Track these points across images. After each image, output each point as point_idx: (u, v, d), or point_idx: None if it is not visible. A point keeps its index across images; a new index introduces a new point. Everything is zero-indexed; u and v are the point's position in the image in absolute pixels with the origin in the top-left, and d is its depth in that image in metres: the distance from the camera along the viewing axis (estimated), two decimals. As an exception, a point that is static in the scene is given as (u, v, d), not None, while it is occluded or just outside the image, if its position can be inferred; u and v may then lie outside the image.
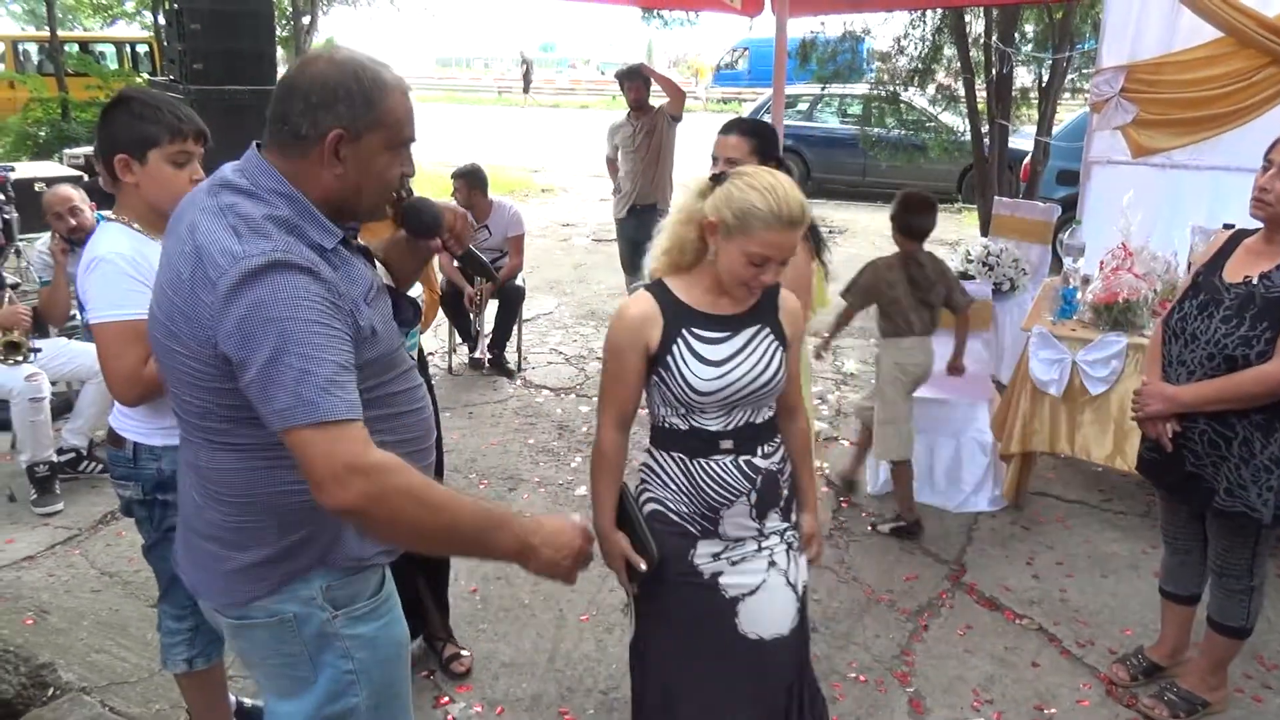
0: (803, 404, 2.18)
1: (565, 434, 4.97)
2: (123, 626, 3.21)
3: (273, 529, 1.55)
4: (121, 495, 2.27)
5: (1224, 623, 2.72)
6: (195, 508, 1.61)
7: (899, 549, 3.81)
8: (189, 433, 1.57)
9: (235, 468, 1.52)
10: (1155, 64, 4.96)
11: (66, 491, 4.10)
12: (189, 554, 1.66)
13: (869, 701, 2.90)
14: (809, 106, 13.76)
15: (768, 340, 2.02)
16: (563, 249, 9.76)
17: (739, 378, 1.97)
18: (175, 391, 1.54)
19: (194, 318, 1.42)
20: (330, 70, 1.47)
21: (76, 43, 16.41)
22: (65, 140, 11.47)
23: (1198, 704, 2.81)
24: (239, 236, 1.40)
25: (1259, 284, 2.47)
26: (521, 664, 3.06)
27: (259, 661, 1.68)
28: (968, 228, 11.10)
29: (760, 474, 2.03)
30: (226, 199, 1.46)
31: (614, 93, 31.43)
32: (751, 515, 2.05)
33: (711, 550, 2.05)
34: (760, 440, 2.04)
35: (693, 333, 1.98)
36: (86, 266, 2.08)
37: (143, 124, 2.07)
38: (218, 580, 1.61)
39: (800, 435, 2.17)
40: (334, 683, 1.63)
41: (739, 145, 2.61)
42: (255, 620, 1.60)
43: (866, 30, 9.22)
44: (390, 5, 19.29)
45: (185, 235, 1.46)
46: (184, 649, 2.38)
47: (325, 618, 1.60)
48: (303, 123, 1.46)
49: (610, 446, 2.08)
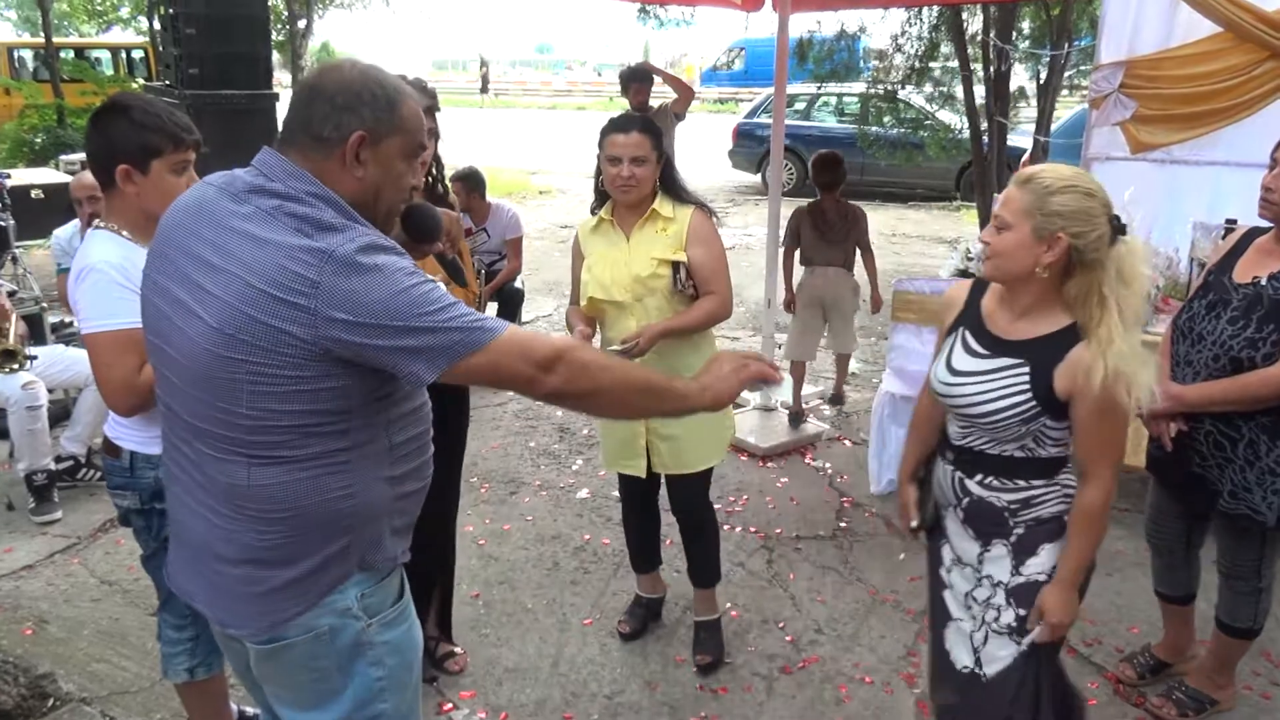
0: (1098, 477, 1.95)
1: (566, 437, 4.95)
2: (123, 635, 3.19)
3: (316, 540, 1.53)
4: (119, 505, 2.24)
5: (1232, 624, 2.69)
6: (221, 533, 1.53)
7: (903, 549, 3.80)
8: (210, 447, 1.49)
9: (281, 481, 1.48)
10: (1154, 59, 4.94)
11: (65, 499, 4.08)
12: (208, 583, 1.59)
13: (876, 703, 2.88)
14: (806, 106, 13.76)
15: (1019, 378, 1.94)
16: (561, 251, 9.74)
17: (963, 395, 2.01)
18: (220, 404, 1.45)
19: (283, 325, 1.38)
20: (353, 75, 1.51)
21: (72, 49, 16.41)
22: (61, 146, 11.47)
23: (1205, 702, 2.79)
24: (311, 236, 1.41)
25: (1267, 285, 2.42)
26: (525, 669, 3.04)
27: (286, 680, 1.63)
28: (967, 225, 11.09)
29: (969, 497, 2.08)
30: (266, 203, 1.45)
31: (611, 94, 31.51)
32: (969, 533, 2.11)
33: (950, 556, 2.18)
34: (982, 470, 2.05)
35: (964, 335, 2.07)
36: (77, 276, 2.06)
37: (146, 133, 2.05)
38: (251, 605, 1.55)
39: (1080, 504, 1.98)
40: (365, 691, 1.62)
41: (642, 143, 2.67)
42: (290, 639, 1.55)
43: (863, 28, 9.20)
44: (386, 8, 19.32)
45: (231, 242, 1.42)
46: (185, 658, 2.36)
47: (360, 627, 1.59)
48: (327, 125, 1.48)
49: (920, 413, 2.29)
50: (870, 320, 7.22)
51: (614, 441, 2.93)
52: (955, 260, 5.28)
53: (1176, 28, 4.90)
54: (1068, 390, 1.89)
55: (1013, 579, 2.05)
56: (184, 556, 1.64)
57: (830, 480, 4.44)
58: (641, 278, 2.71)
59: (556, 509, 4.15)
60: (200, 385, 1.46)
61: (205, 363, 1.44)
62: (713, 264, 2.74)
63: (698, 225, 2.74)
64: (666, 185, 2.79)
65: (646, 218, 2.76)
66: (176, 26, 7.70)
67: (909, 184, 13.09)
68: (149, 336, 1.58)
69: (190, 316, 1.45)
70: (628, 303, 2.73)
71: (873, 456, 4.28)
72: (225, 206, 1.47)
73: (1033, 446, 2.00)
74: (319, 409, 1.45)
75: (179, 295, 1.47)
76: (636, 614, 3.21)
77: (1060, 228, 1.85)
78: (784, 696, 2.91)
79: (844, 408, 5.42)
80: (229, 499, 1.50)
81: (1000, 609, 2.07)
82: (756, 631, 3.24)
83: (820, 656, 3.11)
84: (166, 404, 1.57)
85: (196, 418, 1.50)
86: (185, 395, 1.50)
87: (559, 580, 3.56)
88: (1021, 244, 1.88)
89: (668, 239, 2.73)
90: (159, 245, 1.55)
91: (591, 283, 2.77)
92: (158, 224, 1.57)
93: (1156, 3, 4.91)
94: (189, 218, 1.51)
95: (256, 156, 1.53)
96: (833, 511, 4.13)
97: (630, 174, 2.66)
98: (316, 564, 1.53)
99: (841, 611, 3.37)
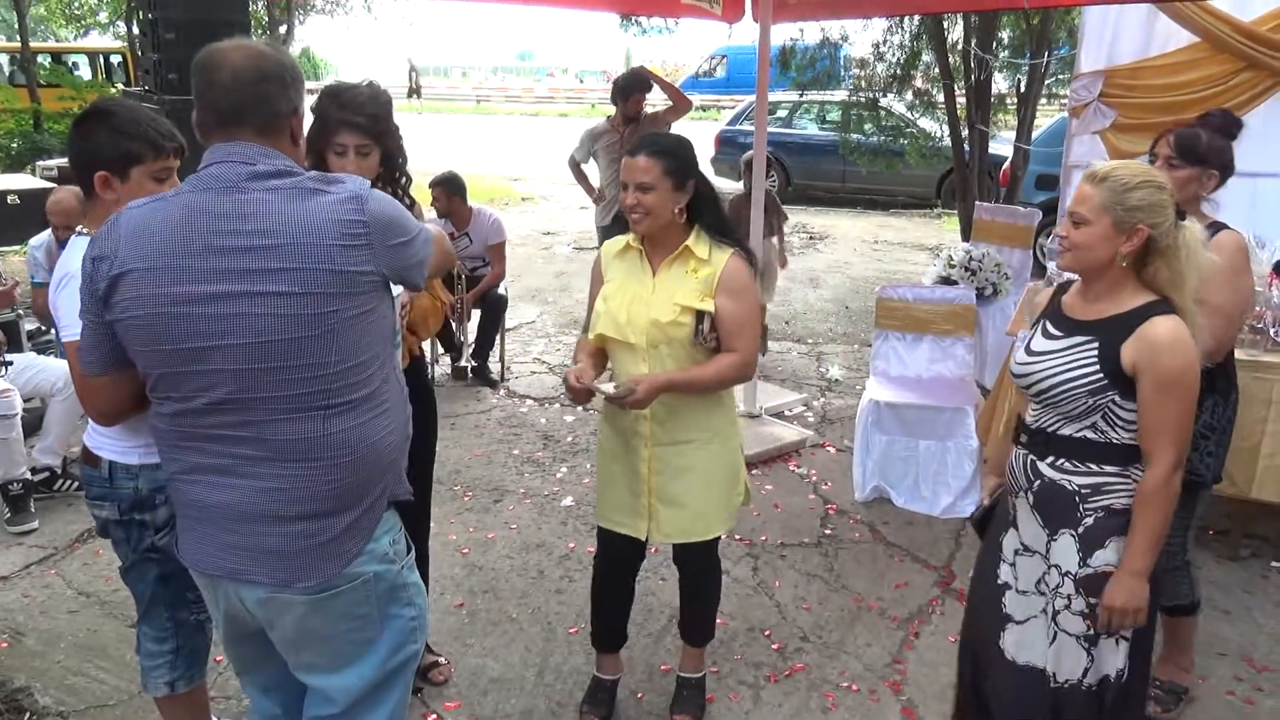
0: (1160, 456, 2.00)
1: (550, 444, 4.93)
2: (101, 648, 3.15)
3: (368, 481, 1.70)
4: (97, 516, 2.21)
5: (1175, 603, 2.79)
6: (280, 494, 1.65)
7: (888, 556, 3.80)
8: (288, 412, 1.61)
9: (351, 426, 1.65)
10: (1133, 69, 5.01)
11: (42, 510, 4.02)
12: (262, 551, 1.68)
13: (862, 711, 2.88)
14: (788, 113, 13.82)
15: (1089, 353, 2.05)
16: (544, 257, 9.73)
17: (1035, 371, 2.12)
18: (306, 362, 1.59)
19: (356, 266, 1.58)
20: (279, 54, 1.66)
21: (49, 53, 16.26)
22: (38, 152, 11.35)
23: (1180, 693, 2.88)
24: (330, 186, 1.60)
25: None
26: (510, 679, 3.01)
27: (328, 634, 1.74)
28: (947, 233, 11.17)
29: (1040, 480, 2.15)
30: (279, 183, 1.59)
31: (593, 101, 31.53)
32: (1037, 520, 2.17)
33: (1013, 546, 2.25)
34: (1054, 451, 2.13)
35: (1044, 325, 2.20)
36: (58, 283, 2.03)
37: (126, 140, 2.03)
38: (311, 556, 1.67)
39: (1146, 485, 2.03)
40: (399, 634, 1.79)
41: (650, 168, 2.36)
42: (340, 587, 1.70)
43: (845, 37, 9.26)
44: (367, 14, 19.26)
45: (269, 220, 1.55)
46: (165, 671, 2.32)
47: (396, 570, 1.77)
48: (281, 103, 1.63)
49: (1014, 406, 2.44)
50: (854, 327, 7.26)
51: (616, 493, 2.61)
52: (938, 267, 5.33)
53: (1154, 38, 4.97)
54: (1133, 363, 2.00)
55: (1080, 570, 2.12)
56: (223, 541, 1.71)
57: (814, 487, 4.44)
58: (661, 323, 2.39)
59: (541, 517, 4.13)
60: (278, 354, 1.57)
61: (288, 330, 1.56)
62: (741, 317, 2.41)
63: (732, 272, 2.41)
64: (705, 222, 2.47)
65: (677, 255, 2.44)
66: (156, 31, 7.62)
67: (890, 191, 13.16)
68: (182, 345, 1.59)
69: (256, 298, 1.55)
70: (641, 347, 2.42)
71: (857, 463, 4.28)
72: (234, 199, 1.57)
73: (1104, 428, 2.07)
74: (374, 342, 1.66)
75: (227, 289, 1.55)
76: (600, 700, 2.83)
77: (1140, 220, 2.00)
78: (770, 705, 2.90)
79: (827, 414, 5.43)
80: (300, 455, 1.63)
81: (1070, 597, 2.13)
82: (743, 640, 3.24)
83: (806, 664, 3.10)
84: (204, 399, 1.62)
85: (263, 389, 1.59)
86: (248, 375, 1.59)
87: (544, 589, 3.54)
88: (1104, 237, 2.03)
89: (697, 283, 2.41)
90: (165, 261, 1.57)
91: (605, 317, 2.47)
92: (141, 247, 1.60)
93: (1135, 13, 4.97)
94: (190, 225, 1.57)
95: (218, 151, 1.62)
96: (817, 519, 4.13)
97: (635, 201, 2.37)
98: (367, 505, 1.71)
99: (827, 619, 3.36)
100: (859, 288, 8.57)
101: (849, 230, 11.62)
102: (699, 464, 2.51)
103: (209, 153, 1.63)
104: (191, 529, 1.75)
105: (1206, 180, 2.61)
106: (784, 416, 5.28)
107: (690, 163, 2.43)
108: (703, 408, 2.50)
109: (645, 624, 3.30)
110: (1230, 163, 2.62)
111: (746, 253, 2.48)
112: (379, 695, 1.82)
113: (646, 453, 2.50)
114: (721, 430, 2.55)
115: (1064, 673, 2.16)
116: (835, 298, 8.25)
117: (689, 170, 2.41)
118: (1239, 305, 2.60)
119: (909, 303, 4.45)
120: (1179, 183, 2.57)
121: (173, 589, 2.24)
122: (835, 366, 6.26)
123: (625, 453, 2.55)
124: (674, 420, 2.47)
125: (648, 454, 2.50)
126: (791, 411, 5.40)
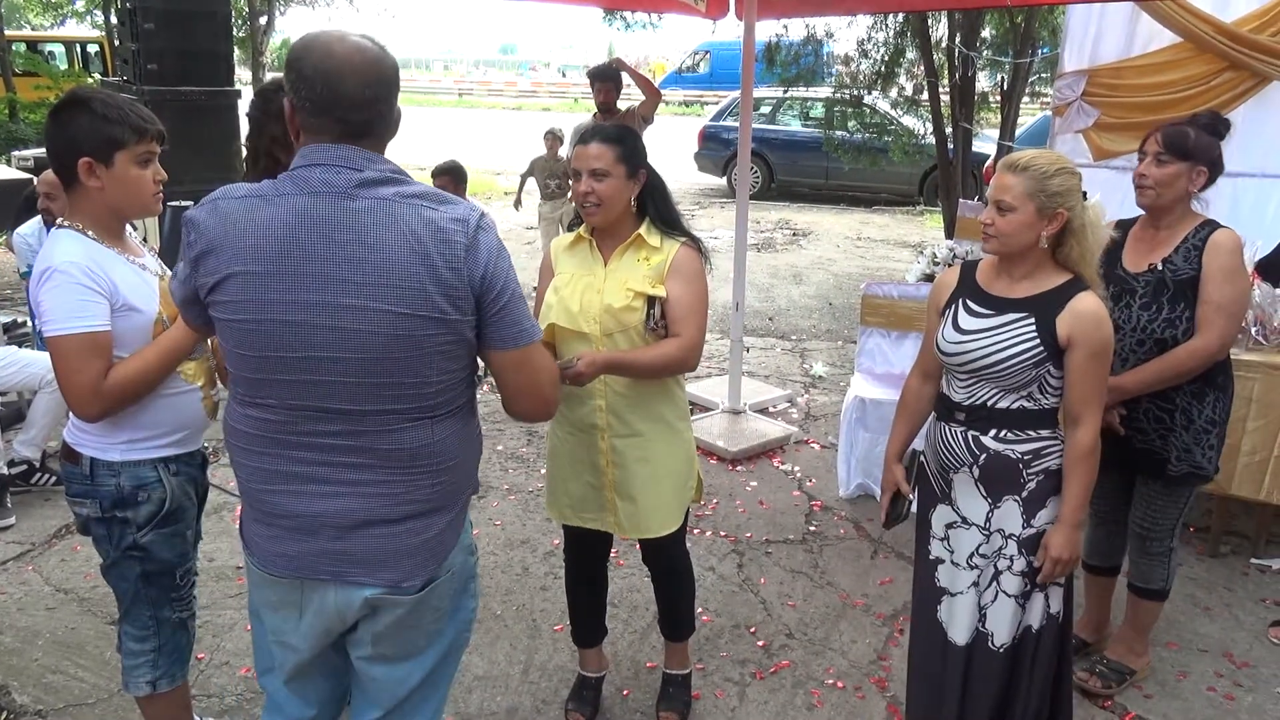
0: (1089, 419, 2.20)
1: (534, 440, 4.91)
2: (80, 645, 3.11)
3: (464, 481, 1.77)
4: (78, 513, 2.17)
5: (1148, 586, 2.89)
6: (385, 499, 1.65)
7: (872, 553, 3.81)
8: (396, 422, 1.62)
9: (452, 432, 1.69)
10: (1115, 68, 5.03)
11: (19, 505, 3.97)
12: (366, 553, 1.67)
13: (847, 708, 2.89)
14: (772, 110, 13.83)
15: (1026, 328, 2.19)
16: (527, 252, 9.69)
17: (974, 348, 2.22)
18: (406, 380, 1.59)
19: (445, 283, 1.55)
20: (388, 54, 1.60)
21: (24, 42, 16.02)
22: (14, 142, 11.20)
23: (1126, 673, 2.97)
24: (437, 208, 1.57)
25: (1164, 269, 2.67)
26: (495, 677, 3.00)
27: (414, 626, 1.75)
28: (930, 229, 11.22)
29: (986, 453, 2.27)
30: (383, 191, 1.56)
31: (576, 95, 31.43)
32: (980, 491, 2.30)
33: (944, 520, 2.39)
34: (996, 424, 2.26)
35: (964, 303, 2.30)
36: (39, 277, 1.99)
37: (108, 125, 1.99)
38: (417, 555, 1.70)
39: (1073, 447, 2.23)
40: (463, 624, 1.86)
41: (602, 154, 2.35)
42: (439, 580, 1.74)
43: (829, 33, 9.26)
44: (349, 6, 19.10)
45: (377, 235, 1.53)
46: (147, 670, 2.29)
47: (474, 561, 1.87)
48: (398, 113, 1.64)
49: (909, 392, 2.54)
50: (837, 324, 7.28)
51: (577, 489, 2.57)
52: (921, 265, 5.33)
53: (1137, 38, 5.00)
54: (1068, 335, 2.16)
55: (1024, 530, 2.28)
56: (317, 548, 1.68)
57: (799, 484, 4.45)
58: (614, 309, 2.38)
59: (525, 513, 4.12)
60: (379, 370, 1.57)
61: (387, 347, 1.56)
62: (688, 303, 2.41)
63: (682, 259, 2.42)
64: (655, 211, 2.47)
65: (630, 243, 2.44)
66: (135, 21, 7.55)
67: (873, 188, 13.21)
68: (291, 354, 1.56)
69: (360, 313, 1.53)
70: (594, 335, 2.40)
71: (841, 460, 4.30)
72: (344, 206, 1.54)
73: (1038, 396, 2.23)
74: (468, 359, 1.68)
75: (333, 300, 1.53)
76: (585, 698, 2.83)
77: (1060, 204, 2.16)
78: (756, 702, 2.91)
79: (810, 411, 5.44)
80: (407, 462, 1.65)
81: (1013, 558, 2.29)
82: (728, 637, 3.24)
83: (792, 661, 3.10)
84: (309, 408, 1.60)
85: (367, 401, 1.59)
86: (347, 388, 1.58)
87: (529, 586, 3.53)
88: (1027, 223, 2.17)
89: (649, 270, 2.41)
90: (278, 266, 1.54)
91: (557, 307, 2.45)
92: (252, 248, 1.55)
93: (1117, 13, 4.99)
94: (302, 231, 1.53)
95: (322, 153, 1.56)
96: (802, 515, 4.14)
97: (589, 188, 2.34)
98: (462, 503, 1.78)
99: (812, 616, 3.37)
100: (842, 284, 8.60)
101: (832, 227, 11.65)
102: (654, 456, 2.51)
103: (311, 152, 1.57)
104: (281, 537, 1.69)
105: (1196, 177, 2.64)
106: (768, 413, 5.28)
107: (640, 152, 2.44)
108: (655, 399, 2.49)
109: (630, 621, 3.29)
110: (1218, 160, 2.65)
111: (696, 242, 2.50)
112: (425, 692, 1.84)
113: (604, 445, 2.49)
114: (674, 424, 2.55)
115: (1001, 635, 2.33)
116: (819, 294, 8.27)
117: (639, 159, 2.42)
118: (1241, 302, 2.64)
119: (894, 300, 4.46)
120: (1168, 178, 2.63)
121: (156, 587, 2.21)
122: (819, 363, 6.27)
123: (581, 448, 2.53)
124: (629, 410, 2.47)
125: (605, 446, 2.49)
126: (776, 408, 5.41)
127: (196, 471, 2.26)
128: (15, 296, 7.14)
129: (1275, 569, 3.68)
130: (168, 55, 7.50)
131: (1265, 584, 3.59)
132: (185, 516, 2.22)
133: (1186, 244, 2.65)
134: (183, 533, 2.22)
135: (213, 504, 3.78)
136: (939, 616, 2.42)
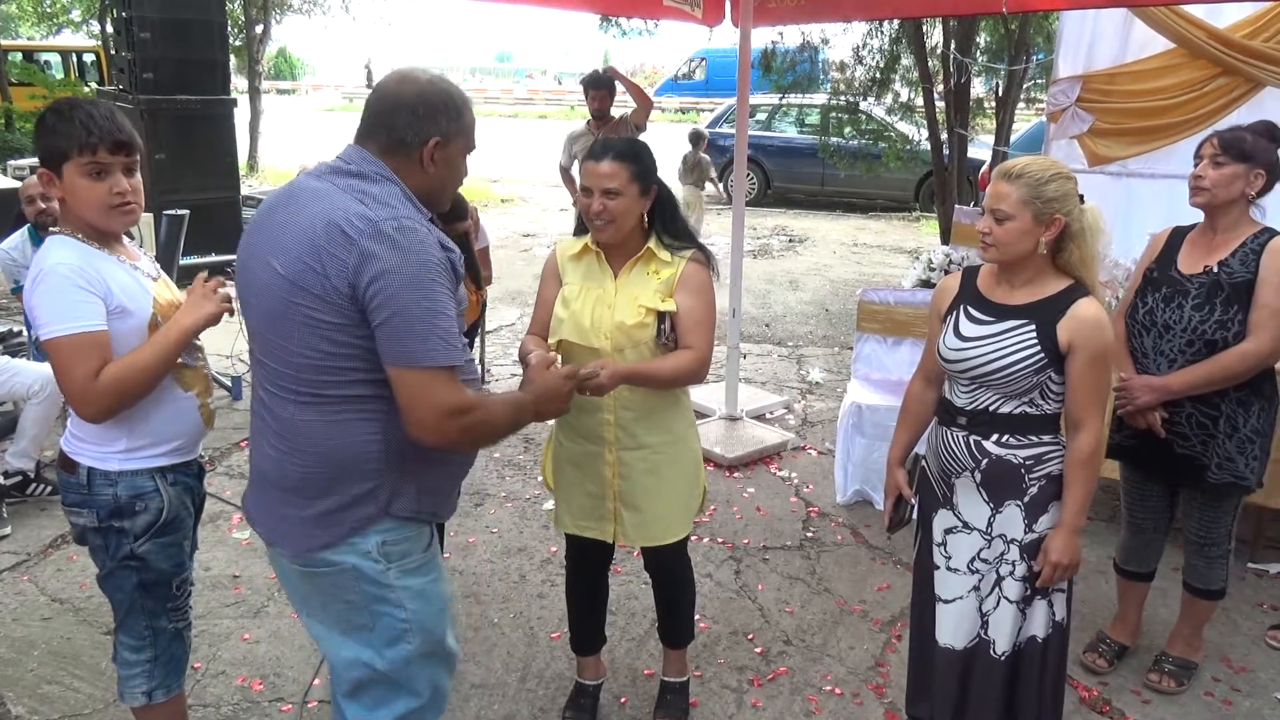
0: (1090, 424, 2.18)
1: (531, 447, 4.91)
2: (75, 656, 3.09)
3: (343, 479, 1.76)
4: (75, 523, 2.16)
5: (1207, 588, 2.92)
6: (272, 460, 1.81)
7: (870, 559, 3.81)
8: (275, 387, 1.76)
9: (315, 420, 1.73)
10: (1109, 74, 5.05)
11: (14, 514, 3.95)
12: (265, 502, 1.86)
13: (845, 714, 2.88)
14: (767, 116, 13.86)
15: (1027, 335, 2.18)
16: (524, 259, 9.69)
17: (976, 355, 2.22)
18: (283, 343, 1.70)
19: (329, 272, 1.63)
20: (429, 89, 1.77)
21: (20, 51, 16.03)
22: (9, 151, 11.19)
23: (1191, 667, 3.02)
24: (366, 205, 1.66)
25: (1219, 272, 2.67)
26: (492, 684, 2.99)
27: (322, 601, 1.87)
28: (925, 235, 11.25)
29: (988, 458, 2.26)
30: (342, 181, 1.72)
31: (572, 102, 31.47)
32: (982, 496, 2.29)
33: (944, 526, 2.38)
34: (998, 429, 2.25)
35: (966, 309, 2.29)
36: (34, 280, 2.00)
37: (54, 137, 2.01)
38: (290, 526, 1.81)
39: (1074, 452, 2.22)
40: (390, 630, 1.85)
41: (616, 172, 2.32)
42: (319, 570, 1.81)
43: (825, 40, 9.29)
44: (345, 14, 19.06)
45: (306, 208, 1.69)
46: (142, 681, 2.28)
47: (380, 569, 1.81)
48: (409, 132, 1.75)
49: (911, 396, 2.53)
50: (833, 330, 7.29)
51: (579, 498, 2.58)
52: (917, 271, 5.34)
53: (1131, 44, 5.01)
54: (1068, 341, 2.16)
55: (1026, 535, 2.27)
56: (254, 491, 1.91)
57: (796, 490, 4.45)
58: (626, 326, 2.37)
59: (522, 521, 4.11)
60: (270, 325, 1.73)
61: (275, 305, 1.69)
62: (697, 315, 2.40)
63: (690, 273, 2.41)
64: (663, 224, 2.45)
65: (639, 257, 2.43)
66: (130, 30, 7.56)
67: (869, 194, 13.24)
68: (244, 297, 1.80)
69: (270, 270, 1.70)
70: (606, 351, 2.38)
71: (838, 466, 4.30)
72: (306, 183, 1.75)
73: (1040, 402, 2.22)
74: (353, 353, 1.68)
75: (266, 257, 1.71)
76: (583, 705, 2.82)
77: (1056, 210, 2.16)
78: (754, 709, 2.90)
79: (807, 416, 5.44)
80: (280, 433, 1.77)
81: (1015, 563, 2.29)
82: (726, 643, 3.23)
83: (789, 668, 3.10)
84: (255, 354, 1.82)
85: (268, 356, 1.76)
86: (262, 339, 1.77)
87: (526, 593, 3.52)
88: (1025, 230, 2.17)
89: (660, 284, 2.40)
90: (256, 221, 1.81)
91: (568, 323, 2.43)
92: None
93: (1111, 19, 5.00)
94: (279, 198, 1.78)
95: (345, 149, 1.79)
96: (799, 521, 4.13)
97: (601, 207, 2.32)
98: (343, 501, 1.76)
99: (809, 622, 3.37)
100: (839, 290, 8.61)
101: (828, 233, 11.67)
102: (662, 467, 2.51)
103: None
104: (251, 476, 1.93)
105: (1254, 179, 2.62)
106: (765, 419, 5.28)
107: (653, 168, 2.41)
108: (664, 410, 2.49)
109: (628, 628, 3.29)
110: (1276, 165, 2.63)
111: (705, 253, 2.48)
112: (388, 693, 1.90)
113: (612, 457, 2.49)
114: (682, 434, 2.56)
115: (1002, 643, 2.33)
116: (815, 300, 8.28)
117: (652, 176, 2.40)
118: None
119: (890, 306, 4.46)
120: (1225, 179, 2.62)
121: (153, 597, 2.20)
122: (816, 369, 6.28)
123: (586, 458, 2.53)
124: (637, 424, 2.47)
125: (613, 458, 2.49)
126: (773, 414, 5.41)
127: (193, 481, 2.26)
128: (11, 305, 7.12)
129: (1272, 573, 3.69)
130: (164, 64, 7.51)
131: (1262, 588, 3.60)
132: (182, 526, 2.22)
133: (1244, 248, 2.64)
134: (179, 542, 2.22)
135: (209, 513, 3.77)
136: (935, 622, 2.43)
